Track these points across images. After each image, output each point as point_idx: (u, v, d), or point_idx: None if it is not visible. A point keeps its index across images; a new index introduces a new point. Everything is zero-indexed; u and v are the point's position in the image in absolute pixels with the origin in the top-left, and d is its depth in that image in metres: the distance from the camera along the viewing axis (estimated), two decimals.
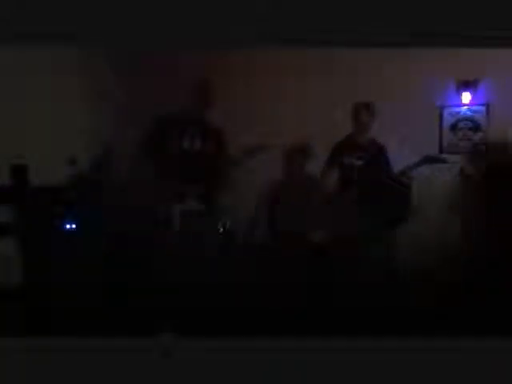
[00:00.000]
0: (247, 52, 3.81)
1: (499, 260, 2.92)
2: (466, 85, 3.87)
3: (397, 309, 2.60)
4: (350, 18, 1.83)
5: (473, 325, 2.23)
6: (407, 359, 1.66)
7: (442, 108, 3.98)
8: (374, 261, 3.09)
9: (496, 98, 3.81)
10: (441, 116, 3.99)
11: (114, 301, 2.56)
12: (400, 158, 3.28)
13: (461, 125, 3.97)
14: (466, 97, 3.89)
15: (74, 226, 3.11)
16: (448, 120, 3.99)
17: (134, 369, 1.59)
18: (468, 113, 3.95)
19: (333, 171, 3.40)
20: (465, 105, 3.93)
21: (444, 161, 3.18)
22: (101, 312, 2.43)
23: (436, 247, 3.53)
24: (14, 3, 1.82)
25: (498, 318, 2.32)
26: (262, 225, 3.67)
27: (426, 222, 3.56)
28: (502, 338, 1.73)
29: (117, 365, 1.60)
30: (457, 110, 3.97)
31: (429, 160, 3.12)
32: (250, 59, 4.00)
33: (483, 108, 3.89)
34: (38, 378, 1.54)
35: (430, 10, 1.76)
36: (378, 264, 3.09)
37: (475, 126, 3.94)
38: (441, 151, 3.92)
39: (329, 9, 1.83)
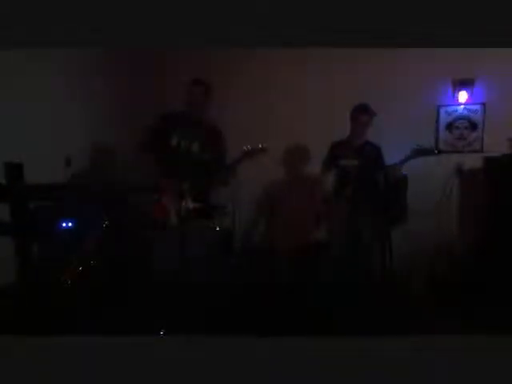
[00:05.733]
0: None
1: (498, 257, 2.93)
2: (462, 84, 3.89)
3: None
4: (350, 19, 1.83)
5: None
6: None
7: (438, 107, 4.00)
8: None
9: (492, 97, 3.83)
10: (437, 115, 4.01)
11: (111, 300, 2.56)
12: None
13: (457, 124, 4.00)
14: (463, 96, 3.91)
15: (69, 224, 3.08)
16: (444, 119, 4.02)
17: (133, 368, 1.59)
18: (464, 112, 3.97)
19: (330, 171, 3.42)
20: (461, 104, 3.95)
21: (434, 153, 3.12)
22: (98, 311, 2.43)
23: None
24: (15, 3, 1.80)
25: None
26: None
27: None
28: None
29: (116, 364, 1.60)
30: (453, 108, 3.99)
31: (418, 153, 3.06)
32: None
33: (480, 107, 3.91)
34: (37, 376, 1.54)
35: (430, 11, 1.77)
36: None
37: (471, 125, 3.96)
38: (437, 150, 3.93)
39: (329, 9, 1.83)
